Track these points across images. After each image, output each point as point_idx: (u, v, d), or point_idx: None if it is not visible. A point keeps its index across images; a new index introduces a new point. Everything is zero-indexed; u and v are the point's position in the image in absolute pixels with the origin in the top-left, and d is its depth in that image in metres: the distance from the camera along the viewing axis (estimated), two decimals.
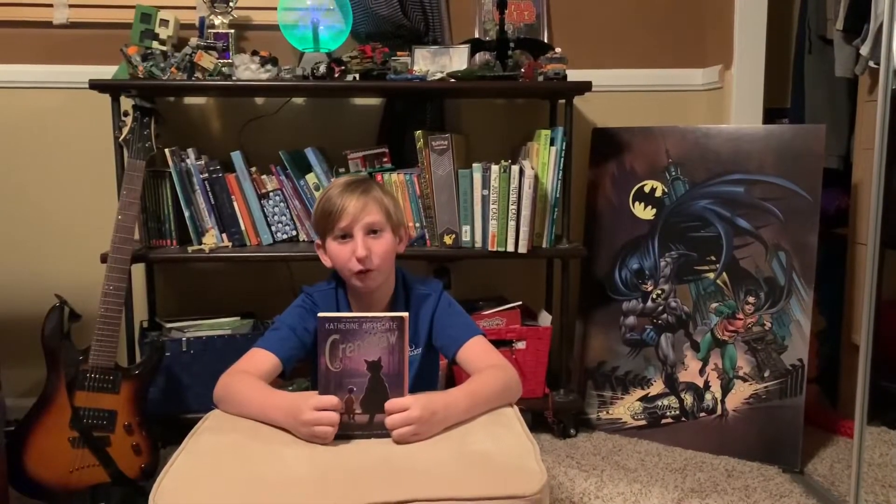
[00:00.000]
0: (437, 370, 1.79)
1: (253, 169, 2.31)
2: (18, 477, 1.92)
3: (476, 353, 1.55)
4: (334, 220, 1.54)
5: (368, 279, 1.55)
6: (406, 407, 1.30)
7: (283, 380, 1.60)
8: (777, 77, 2.73)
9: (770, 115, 2.64)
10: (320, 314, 1.34)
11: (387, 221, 1.57)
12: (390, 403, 1.31)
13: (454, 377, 2.34)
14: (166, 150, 2.24)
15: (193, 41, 2.24)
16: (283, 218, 2.34)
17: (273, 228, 2.34)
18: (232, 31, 2.35)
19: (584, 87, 2.24)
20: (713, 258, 2.30)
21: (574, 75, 2.28)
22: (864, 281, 1.76)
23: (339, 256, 1.56)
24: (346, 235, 1.54)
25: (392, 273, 1.63)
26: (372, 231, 1.55)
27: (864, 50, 2.23)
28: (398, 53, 2.28)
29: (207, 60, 2.19)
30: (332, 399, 1.31)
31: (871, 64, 2.24)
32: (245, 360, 1.52)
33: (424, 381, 1.64)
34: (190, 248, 2.26)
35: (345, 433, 1.32)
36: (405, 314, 1.32)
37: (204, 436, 1.36)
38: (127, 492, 1.96)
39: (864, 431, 1.76)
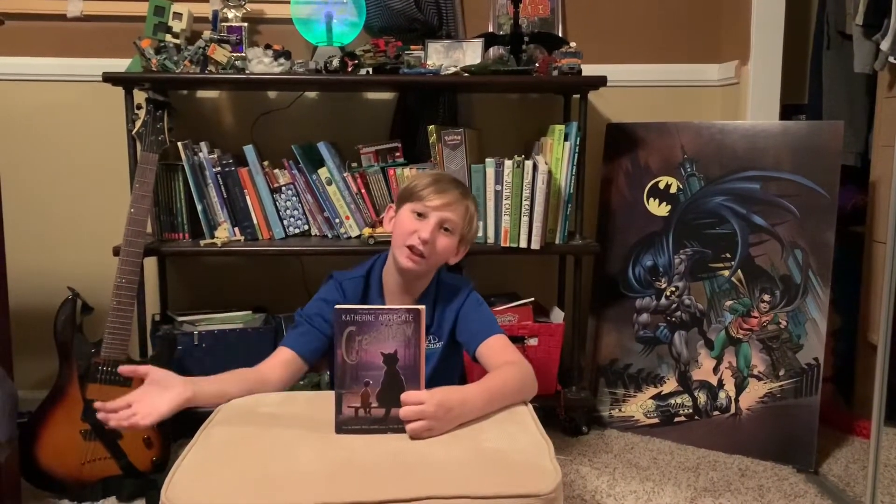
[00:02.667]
0: (459, 366, 1.78)
1: (265, 163, 2.31)
2: (30, 469, 1.93)
3: (495, 349, 1.55)
4: (422, 197, 1.59)
5: (415, 262, 1.58)
6: (421, 401, 1.29)
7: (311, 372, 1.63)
8: (794, 73, 2.70)
9: (787, 112, 2.62)
10: (336, 306, 1.34)
11: (461, 228, 1.62)
12: (406, 395, 1.31)
13: (465, 374, 2.33)
14: (179, 144, 2.24)
15: (207, 34, 2.24)
16: (296, 212, 2.34)
17: (285, 223, 2.33)
18: (245, 24, 2.34)
19: (599, 81, 2.22)
20: (728, 255, 2.28)
21: (589, 70, 2.26)
22: (881, 279, 1.74)
23: (404, 225, 1.59)
24: (423, 215, 1.58)
25: (433, 272, 1.67)
26: (445, 227, 1.59)
27: (885, 45, 2.20)
28: (411, 47, 2.27)
29: (220, 54, 2.19)
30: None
31: (892, 59, 2.21)
32: (269, 358, 1.57)
33: (445, 375, 1.64)
34: (202, 242, 2.26)
35: (360, 427, 1.32)
36: (422, 307, 1.31)
37: (215, 430, 1.36)
38: (138, 484, 1.97)
39: (881, 432, 1.74)
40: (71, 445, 1.94)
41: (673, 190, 2.37)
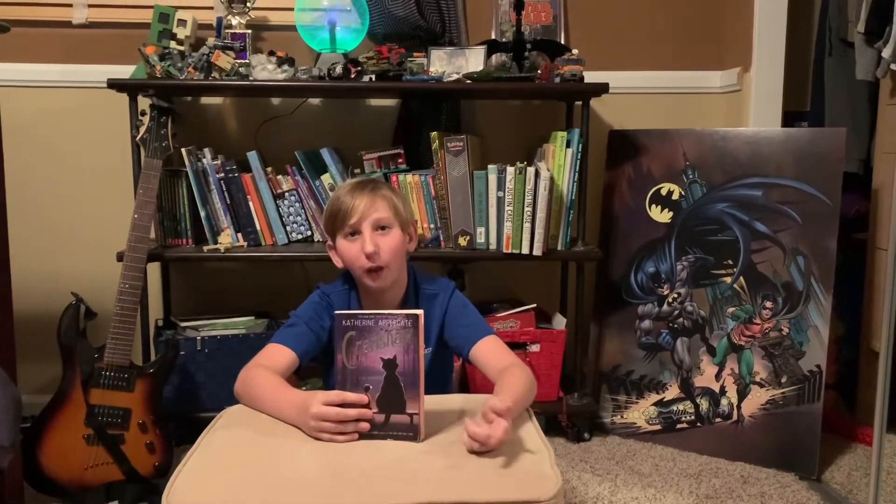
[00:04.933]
0: (450, 370, 1.78)
1: (269, 169, 2.32)
2: (33, 473, 1.93)
3: (491, 351, 1.54)
4: (343, 219, 1.55)
5: (379, 277, 1.55)
6: (501, 413, 1.23)
7: (297, 377, 1.61)
8: (797, 79, 2.70)
9: (789, 119, 2.62)
10: (337, 312, 1.34)
11: (395, 218, 1.57)
12: (490, 408, 1.24)
13: (467, 378, 2.34)
14: (183, 150, 2.25)
15: (211, 41, 2.25)
16: (299, 218, 2.35)
17: (288, 228, 2.34)
18: (249, 31, 2.35)
19: (601, 88, 2.23)
20: (730, 262, 2.28)
21: (591, 77, 2.26)
22: (883, 286, 1.74)
23: (348, 254, 1.56)
24: (355, 233, 1.55)
25: (403, 272, 1.63)
26: (380, 227, 1.55)
27: (886, 53, 2.20)
28: (414, 54, 2.28)
29: (224, 60, 2.20)
30: (341, 394, 1.30)
31: (893, 67, 2.22)
32: (263, 354, 1.53)
33: (436, 379, 1.63)
34: (205, 248, 2.27)
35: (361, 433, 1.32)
36: (420, 312, 1.31)
37: (218, 435, 1.36)
38: (140, 490, 1.97)
39: (883, 439, 1.74)
40: (74, 450, 1.94)
41: (675, 197, 2.37)
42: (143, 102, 2.18)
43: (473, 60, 2.31)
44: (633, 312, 2.43)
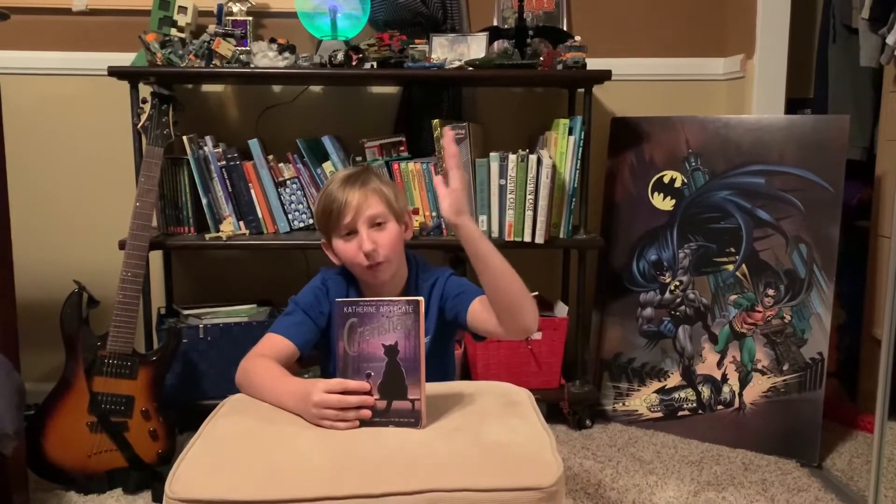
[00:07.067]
0: (451, 359, 1.78)
1: (270, 157, 2.32)
2: (37, 460, 1.95)
3: (485, 304, 1.50)
4: (337, 218, 1.52)
5: (380, 272, 1.54)
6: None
7: (299, 364, 1.60)
8: (800, 66, 2.69)
9: (792, 106, 2.61)
10: (338, 300, 1.34)
11: (389, 211, 1.54)
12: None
13: (469, 367, 2.34)
14: (184, 138, 2.25)
15: (211, 28, 2.24)
16: (300, 206, 2.34)
17: (290, 216, 2.34)
18: (250, 18, 2.34)
19: (604, 75, 2.22)
20: (732, 250, 2.28)
21: (593, 64, 2.26)
22: (885, 274, 1.74)
23: (346, 253, 1.54)
24: (351, 231, 1.53)
25: (403, 262, 1.62)
26: (376, 223, 1.53)
27: (891, 39, 2.19)
28: (416, 41, 2.27)
29: (225, 48, 2.19)
30: (342, 382, 1.30)
31: None
32: (263, 344, 1.52)
33: (437, 368, 1.63)
34: (207, 236, 2.27)
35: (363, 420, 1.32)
36: (420, 298, 1.31)
37: (220, 422, 1.37)
38: (144, 477, 1.98)
39: (885, 427, 1.74)
40: (77, 437, 1.95)
41: (677, 184, 2.37)
42: (144, 90, 2.18)
43: (475, 47, 2.30)
44: (635, 300, 2.43)
